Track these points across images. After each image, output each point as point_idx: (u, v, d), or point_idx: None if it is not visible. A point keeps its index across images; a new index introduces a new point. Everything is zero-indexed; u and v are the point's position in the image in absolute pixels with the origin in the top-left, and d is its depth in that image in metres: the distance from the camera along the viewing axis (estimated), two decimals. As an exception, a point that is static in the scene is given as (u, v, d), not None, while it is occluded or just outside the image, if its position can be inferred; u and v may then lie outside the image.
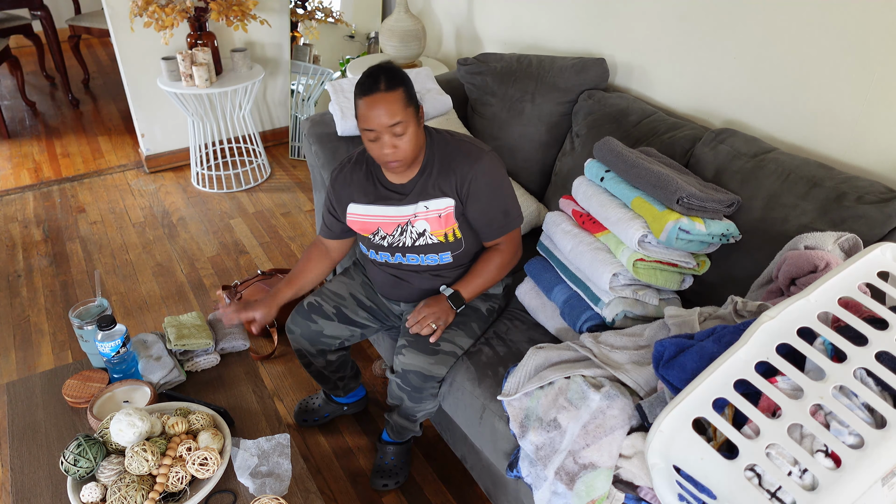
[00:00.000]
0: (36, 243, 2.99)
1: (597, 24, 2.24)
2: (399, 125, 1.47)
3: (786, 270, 1.37)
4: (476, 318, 1.73)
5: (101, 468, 1.28)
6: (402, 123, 1.47)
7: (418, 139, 1.54)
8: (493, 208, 1.63)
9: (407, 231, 1.65)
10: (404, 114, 1.47)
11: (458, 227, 1.64)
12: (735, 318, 1.34)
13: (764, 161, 1.62)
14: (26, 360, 2.35)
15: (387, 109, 1.45)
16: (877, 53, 1.52)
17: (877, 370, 0.97)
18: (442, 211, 1.61)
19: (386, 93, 1.46)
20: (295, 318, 1.78)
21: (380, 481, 1.87)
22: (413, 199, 1.62)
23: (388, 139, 1.49)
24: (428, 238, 1.65)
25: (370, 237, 1.70)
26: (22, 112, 4.34)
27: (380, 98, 1.46)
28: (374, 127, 1.47)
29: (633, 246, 1.54)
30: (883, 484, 0.89)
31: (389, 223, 1.66)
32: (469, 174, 1.58)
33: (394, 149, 1.50)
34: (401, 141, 1.49)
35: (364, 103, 1.47)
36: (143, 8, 2.86)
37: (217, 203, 3.31)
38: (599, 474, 1.21)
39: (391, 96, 1.46)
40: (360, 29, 3.60)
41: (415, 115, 1.51)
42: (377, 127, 1.47)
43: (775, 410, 1.04)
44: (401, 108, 1.47)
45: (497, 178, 1.62)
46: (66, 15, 4.99)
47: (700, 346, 1.17)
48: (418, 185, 1.61)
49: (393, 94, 1.46)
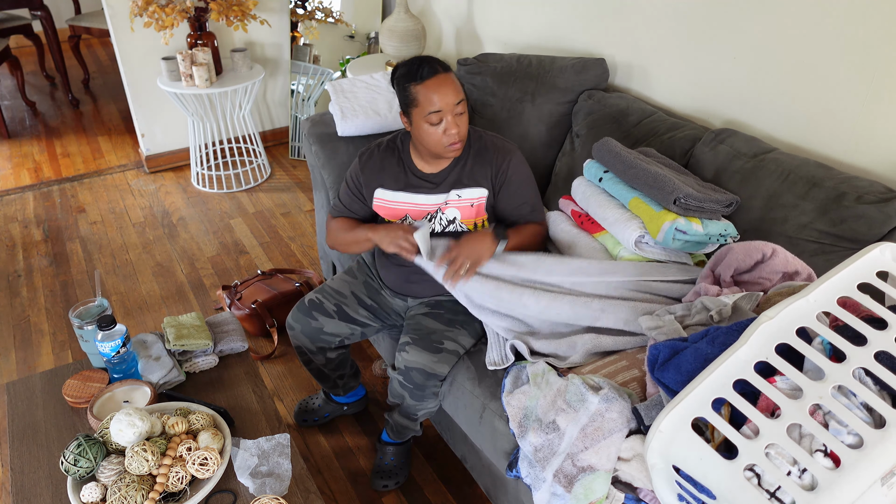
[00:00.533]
0: (36, 243, 2.99)
1: (597, 24, 2.24)
2: (462, 103, 1.55)
3: (730, 262, 1.39)
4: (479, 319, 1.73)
5: (101, 468, 1.28)
6: (464, 102, 1.56)
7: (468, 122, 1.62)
8: (524, 196, 1.71)
9: (436, 218, 1.70)
10: (463, 92, 1.56)
11: (487, 219, 1.71)
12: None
13: (764, 161, 1.62)
14: (26, 360, 2.35)
15: (452, 88, 1.54)
16: (876, 53, 1.52)
17: (876, 370, 0.97)
18: (475, 200, 1.68)
19: (446, 73, 1.55)
20: (295, 315, 1.78)
21: (380, 482, 1.87)
22: (445, 188, 1.67)
23: (451, 119, 1.55)
24: (458, 226, 1.70)
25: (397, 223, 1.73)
26: (22, 112, 4.34)
27: (443, 79, 1.53)
28: (441, 107, 1.53)
29: (629, 247, 1.54)
30: (882, 483, 0.89)
31: (418, 211, 1.71)
32: (503, 165, 1.65)
33: (457, 128, 1.56)
34: (461, 120, 1.57)
35: (427, 87, 1.52)
36: (143, 8, 2.86)
37: (217, 203, 3.31)
38: (598, 477, 1.21)
39: (452, 77, 1.55)
40: (360, 29, 3.60)
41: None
42: (444, 107, 1.53)
43: (774, 410, 1.04)
44: (460, 87, 1.56)
45: (526, 171, 1.71)
46: (66, 15, 4.99)
47: (695, 348, 1.17)
48: (452, 174, 1.67)
49: (451, 75, 1.56)
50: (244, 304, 2.39)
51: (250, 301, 2.39)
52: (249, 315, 2.37)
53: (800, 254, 1.51)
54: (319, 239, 2.46)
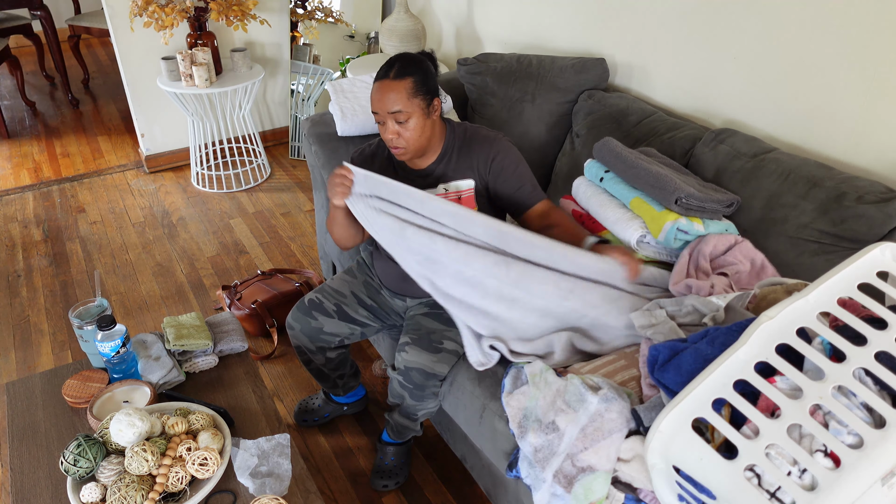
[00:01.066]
0: (36, 243, 2.99)
1: (597, 24, 2.24)
2: (400, 114, 1.53)
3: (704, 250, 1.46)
4: None
5: (100, 468, 1.28)
6: (404, 113, 1.53)
7: (425, 130, 1.58)
8: (520, 178, 1.67)
9: None
10: (407, 104, 1.53)
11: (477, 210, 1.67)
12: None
13: (764, 161, 1.62)
14: (26, 360, 2.35)
15: (388, 97, 1.53)
16: (877, 53, 1.52)
17: (876, 370, 0.97)
18: (463, 192, 1.66)
19: (392, 80, 1.53)
20: (295, 315, 1.78)
21: (380, 482, 1.87)
22: (432, 182, 1.67)
23: (390, 125, 1.55)
24: None
25: None
26: (22, 112, 4.34)
27: (385, 85, 1.53)
28: (377, 110, 1.55)
29: (631, 245, 1.54)
30: (883, 484, 0.89)
31: None
32: (490, 153, 1.64)
33: (395, 135, 1.56)
34: (403, 129, 1.55)
35: (373, 90, 1.56)
36: (143, 8, 2.86)
37: (217, 203, 3.31)
38: (597, 477, 1.21)
39: (397, 85, 1.52)
40: (360, 29, 3.60)
41: (422, 106, 1.55)
42: (379, 111, 1.55)
43: (774, 410, 1.04)
44: (403, 98, 1.52)
45: (516, 154, 1.68)
46: (66, 15, 4.99)
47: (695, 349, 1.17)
48: (438, 169, 1.67)
49: (399, 83, 1.53)
50: (244, 304, 2.39)
51: (250, 301, 2.39)
52: (249, 315, 2.37)
53: (800, 254, 1.51)
54: (319, 239, 2.46)
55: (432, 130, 1.61)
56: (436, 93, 1.59)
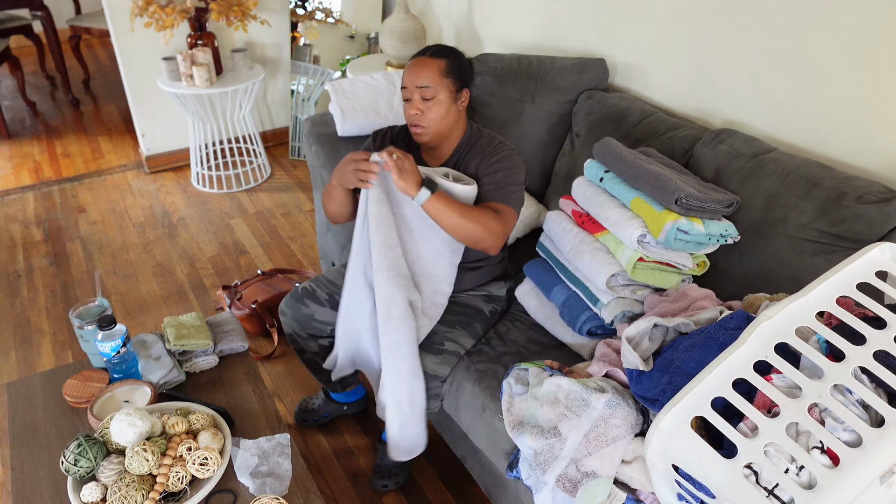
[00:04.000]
0: (36, 243, 3.00)
1: (597, 25, 2.24)
2: (428, 89, 1.56)
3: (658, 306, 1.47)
4: (479, 318, 1.73)
5: (101, 468, 1.28)
6: (432, 89, 1.56)
7: (449, 115, 1.60)
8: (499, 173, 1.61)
9: None
10: (437, 81, 1.56)
11: None
12: None
13: (764, 161, 1.62)
14: (26, 360, 2.35)
15: (422, 71, 1.56)
16: (877, 53, 1.52)
17: (875, 369, 0.97)
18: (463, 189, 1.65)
19: (428, 57, 1.58)
20: (288, 301, 1.80)
21: (379, 482, 1.87)
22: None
23: (416, 100, 1.57)
24: None
25: None
26: (22, 112, 4.34)
27: (420, 61, 1.58)
28: (406, 84, 1.58)
29: (632, 245, 1.54)
30: (881, 482, 0.89)
31: None
32: (491, 158, 1.64)
33: (419, 112, 1.58)
34: (427, 107, 1.57)
35: (407, 66, 1.60)
36: (143, 8, 2.86)
37: (217, 203, 3.31)
38: (600, 483, 1.21)
39: (431, 61, 1.57)
40: (360, 29, 3.60)
41: (451, 89, 1.58)
42: (408, 84, 1.58)
43: (771, 408, 1.04)
44: (435, 74, 1.56)
45: (516, 164, 1.63)
46: (66, 15, 4.99)
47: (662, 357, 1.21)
48: (447, 165, 1.68)
49: (433, 61, 1.57)
50: (244, 304, 2.39)
51: (250, 301, 2.39)
52: (249, 315, 2.37)
53: (800, 254, 1.51)
54: (319, 239, 2.46)
55: (455, 119, 1.63)
56: (466, 84, 1.62)
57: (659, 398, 1.20)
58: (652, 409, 1.24)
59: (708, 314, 1.35)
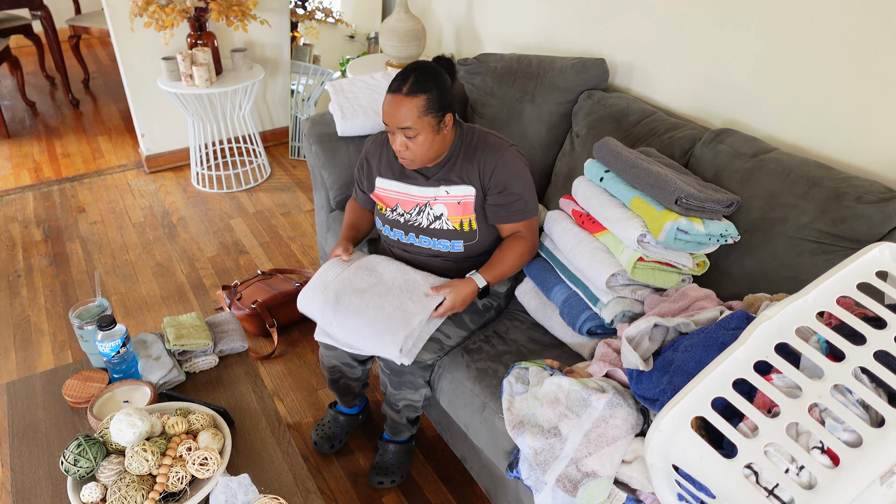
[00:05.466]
0: (36, 243, 3.00)
1: (597, 24, 2.24)
2: (409, 130, 1.53)
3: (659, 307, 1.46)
4: (469, 310, 1.74)
5: (101, 468, 1.28)
6: (413, 130, 1.53)
7: (434, 145, 1.59)
8: (512, 194, 1.66)
9: (424, 212, 1.70)
10: (418, 122, 1.52)
11: (474, 219, 1.69)
12: None
13: (763, 161, 1.62)
14: (26, 360, 2.35)
15: (399, 112, 1.52)
16: (877, 53, 1.52)
17: (875, 369, 0.97)
18: (461, 198, 1.67)
19: (405, 97, 1.51)
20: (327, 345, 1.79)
21: (376, 478, 1.87)
22: (436, 182, 1.68)
23: (400, 138, 1.56)
24: (444, 222, 1.69)
25: (387, 212, 1.75)
26: (22, 112, 4.34)
27: (397, 100, 1.52)
28: (387, 122, 1.56)
29: (632, 245, 1.54)
30: (882, 483, 0.89)
31: (409, 202, 1.72)
32: (493, 163, 1.63)
33: (404, 148, 1.57)
34: (412, 143, 1.56)
35: (385, 99, 1.55)
36: (143, 8, 2.86)
37: (217, 203, 3.31)
38: (601, 483, 1.21)
39: (408, 102, 1.51)
40: (360, 29, 3.60)
41: (433, 124, 1.55)
42: (389, 123, 1.55)
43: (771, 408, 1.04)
44: (414, 116, 1.52)
45: (519, 168, 1.67)
46: (66, 15, 4.99)
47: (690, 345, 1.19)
48: (443, 170, 1.68)
49: (411, 101, 1.51)
50: (244, 304, 2.39)
51: (250, 301, 2.39)
52: (249, 315, 2.37)
53: (800, 254, 1.51)
54: (319, 239, 2.46)
55: (442, 144, 1.62)
56: (448, 108, 1.58)
57: (659, 398, 1.20)
58: (652, 409, 1.24)
59: (708, 314, 1.35)
